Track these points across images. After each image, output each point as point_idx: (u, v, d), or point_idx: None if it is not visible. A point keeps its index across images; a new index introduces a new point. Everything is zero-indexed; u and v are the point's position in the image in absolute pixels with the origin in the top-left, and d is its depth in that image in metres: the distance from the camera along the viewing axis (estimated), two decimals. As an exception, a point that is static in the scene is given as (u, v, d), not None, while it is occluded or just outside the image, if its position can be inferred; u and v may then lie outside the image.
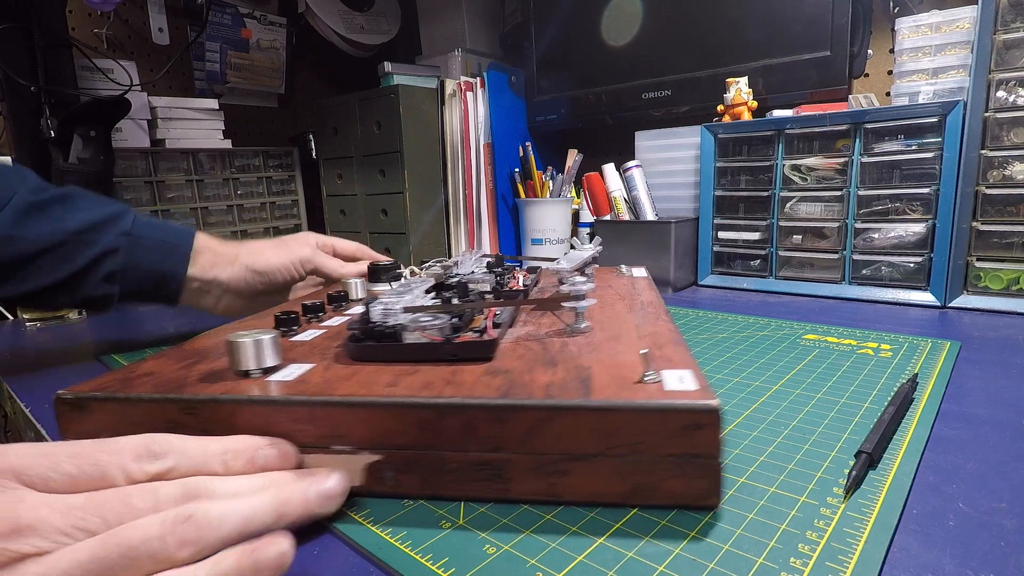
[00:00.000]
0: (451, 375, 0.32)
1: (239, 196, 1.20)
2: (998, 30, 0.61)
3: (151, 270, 0.53)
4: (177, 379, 0.33)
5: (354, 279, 0.55)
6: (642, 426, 0.27)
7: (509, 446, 0.28)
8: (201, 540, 0.22)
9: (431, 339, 0.35)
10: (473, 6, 1.16)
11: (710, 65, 0.88)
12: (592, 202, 0.95)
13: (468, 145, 1.06)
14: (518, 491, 0.29)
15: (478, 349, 0.34)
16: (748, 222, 0.81)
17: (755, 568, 0.24)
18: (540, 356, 0.35)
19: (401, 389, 0.30)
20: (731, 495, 0.29)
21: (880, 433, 0.33)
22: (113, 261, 0.51)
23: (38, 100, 0.87)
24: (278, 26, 1.32)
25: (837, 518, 0.27)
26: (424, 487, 0.30)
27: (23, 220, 0.49)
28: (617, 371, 0.31)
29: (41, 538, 0.21)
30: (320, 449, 0.29)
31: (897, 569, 0.24)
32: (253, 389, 0.31)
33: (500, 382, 0.30)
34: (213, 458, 0.26)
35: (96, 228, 0.51)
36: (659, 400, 0.27)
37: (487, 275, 0.49)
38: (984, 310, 0.64)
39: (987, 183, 0.63)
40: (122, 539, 0.21)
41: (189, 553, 0.21)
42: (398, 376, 0.32)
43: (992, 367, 0.47)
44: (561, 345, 0.37)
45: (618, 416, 0.27)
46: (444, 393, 0.29)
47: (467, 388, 0.30)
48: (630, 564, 0.25)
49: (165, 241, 0.54)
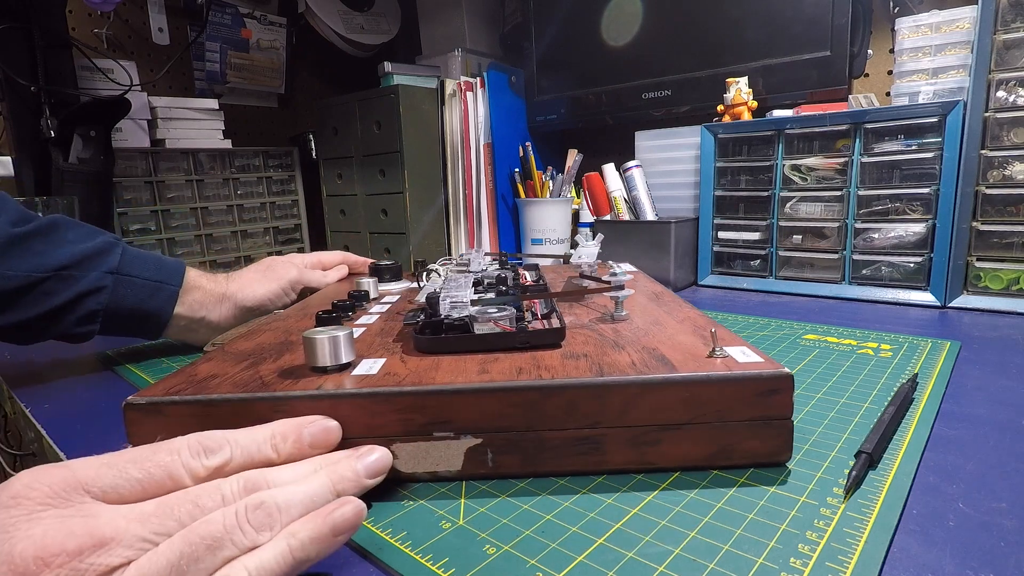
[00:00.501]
0: (534, 360, 0.33)
1: (239, 196, 1.20)
2: (998, 30, 0.61)
3: (135, 308, 0.51)
4: (251, 378, 0.33)
5: (367, 279, 0.57)
6: (727, 394, 0.30)
7: (607, 421, 0.30)
8: (274, 523, 0.24)
9: (504, 329, 0.36)
10: (473, 6, 1.16)
11: (710, 65, 0.88)
12: (592, 202, 0.95)
13: (468, 145, 1.06)
14: (614, 462, 0.31)
15: (550, 336, 0.36)
16: (748, 222, 0.81)
17: (755, 568, 0.24)
18: (603, 341, 0.37)
19: (494, 375, 0.31)
20: (731, 495, 0.29)
21: (880, 433, 0.33)
22: (95, 300, 0.49)
23: (38, 100, 0.87)
24: (278, 26, 1.32)
25: (837, 518, 0.27)
26: (524, 466, 0.31)
27: (2, 255, 0.46)
28: (683, 349, 0.34)
29: (125, 548, 0.21)
30: (422, 436, 0.30)
31: (897, 569, 0.24)
32: (347, 383, 0.31)
33: (587, 364, 0.32)
34: (264, 444, 0.27)
35: (80, 265, 0.48)
36: (739, 371, 0.30)
37: (505, 271, 0.51)
38: (984, 310, 0.64)
39: (987, 183, 0.63)
40: (204, 532, 0.22)
41: (266, 536, 0.23)
42: (482, 364, 0.33)
43: (992, 367, 0.47)
44: (613, 331, 0.39)
45: (706, 387, 0.30)
46: (542, 376, 0.30)
47: (561, 371, 0.31)
48: (630, 564, 0.25)
49: (152, 280, 0.52)
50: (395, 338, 0.40)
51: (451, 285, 0.42)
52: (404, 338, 0.39)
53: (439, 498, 0.30)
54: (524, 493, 0.30)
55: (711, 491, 0.30)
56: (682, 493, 0.30)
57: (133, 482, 0.23)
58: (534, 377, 0.30)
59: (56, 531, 0.21)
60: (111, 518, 0.22)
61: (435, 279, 0.52)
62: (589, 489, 0.30)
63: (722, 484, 0.30)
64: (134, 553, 0.21)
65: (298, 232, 1.30)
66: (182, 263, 0.55)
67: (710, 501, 0.29)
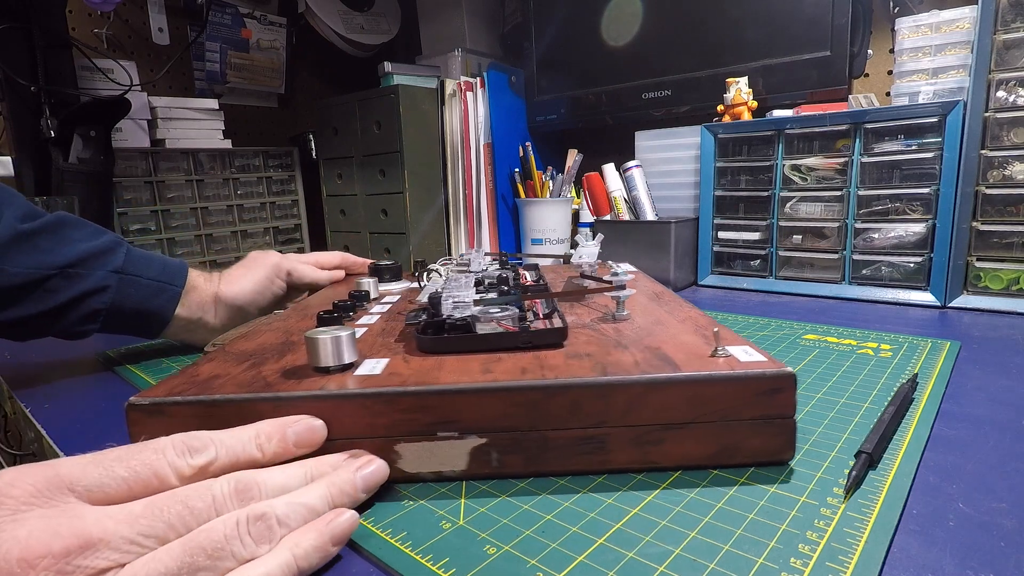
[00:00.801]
0: (538, 360, 0.33)
1: (239, 196, 1.20)
2: (998, 30, 0.61)
3: (138, 308, 0.51)
4: (253, 379, 0.33)
5: (367, 280, 0.57)
6: (731, 393, 0.30)
7: (611, 420, 0.30)
8: (274, 536, 0.24)
9: (506, 328, 0.36)
10: (473, 6, 1.16)
11: (710, 65, 0.88)
12: (592, 202, 0.95)
13: (468, 145, 1.06)
14: (617, 462, 0.31)
15: (552, 336, 0.36)
16: (748, 222, 0.81)
17: (755, 568, 0.24)
18: (606, 340, 0.36)
19: (498, 375, 0.31)
20: (731, 495, 0.29)
21: (880, 433, 0.33)
22: (99, 299, 0.49)
23: (38, 100, 0.87)
24: (278, 26, 1.32)
25: (837, 518, 0.27)
26: (528, 465, 0.31)
27: (8, 251, 0.45)
28: (686, 349, 0.34)
29: (112, 550, 0.21)
30: (426, 436, 0.30)
31: (897, 569, 0.24)
32: (350, 383, 0.31)
33: (591, 364, 0.32)
34: (249, 443, 0.27)
35: (85, 263, 0.48)
36: (742, 370, 0.30)
37: (506, 271, 0.51)
38: (984, 310, 0.64)
39: (987, 183, 0.63)
40: (204, 543, 0.22)
41: (266, 548, 0.24)
42: (485, 364, 0.33)
43: (992, 367, 0.47)
44: (615, 331, 0.39)
45: (709, 386, 0.30)
46: (546, 376, 0.30)
47: (565, 370, 0.31)
48: (630, 564, 0.25)
49: (156, 280, 0.52)
50: (397, 338, 0.40)
51: (453, 285, 0.42)
52: (406, 338, 0.39)
53: (439, 498, 0.30)
54: (524, 493, 0.30)
55: (711, 491, 0.30)
56: (682, 493, 0.30)
57: (119, 480, 0.23)
58: (538, 377, 0.30)
59: (41, 531, 0.20)
60: (98, 518, 0.21)
61: (436, 279, 0.52)
62: (589, 489, 0.30)
63: (722, 483, 0.30)
64: (121, 556, 0.21)
65: (298, 232, 1.30)
66: (185, 264, 0.55)
67: (710, 501, 0.29)
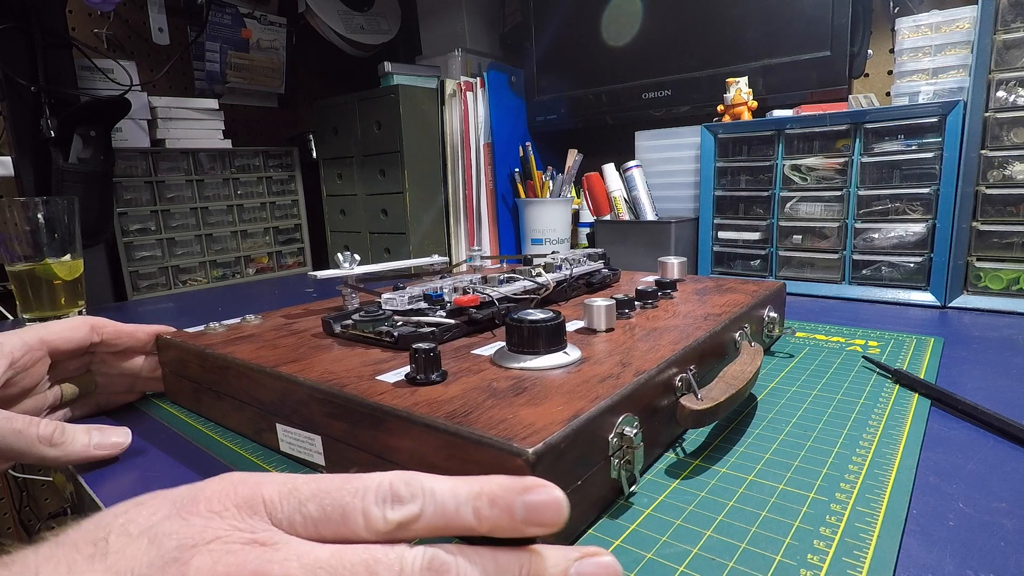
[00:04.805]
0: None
1: (239, 196, 1.20)
2: (998, 30, 0.61)
3: None
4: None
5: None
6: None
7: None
8: None
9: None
10: (473, 6, 1.16)
11: (710, 65, 0.88)
12: (592, 202, 0.95)
13: (468, 145, 1.06)
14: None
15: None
16: (748, 222, 0.81)
17: (774, 566, 0.24)
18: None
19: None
20: (742, 492, 0.29)
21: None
22: None
23: (38, 100, 0.87)
24: (278, 26, 1.32)
25: (847, 514, 0.27)
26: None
27: None
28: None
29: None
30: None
31: (898, 569, 0.24)
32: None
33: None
34: (464, 506, 0.22)
35: None
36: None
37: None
38: (984, 310, 0.64)
39: (987, 183, 0.63)
40: None
41: None
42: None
43: (992, 367, 0.47)
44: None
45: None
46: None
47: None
48: (638, 564, 0.25)
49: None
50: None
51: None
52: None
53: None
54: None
55: (722, 488, 0.30)
56: (693, 492, 0.30)
57: (307, 518, 0.22)
58: None
59: (227, 565, 0.20)
60: (284, 559, 0.20)
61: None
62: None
63: (731, 482, 0.31)
64: None
65: (298, 232, 1.30)
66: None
67: (723, 500, 0.29)
